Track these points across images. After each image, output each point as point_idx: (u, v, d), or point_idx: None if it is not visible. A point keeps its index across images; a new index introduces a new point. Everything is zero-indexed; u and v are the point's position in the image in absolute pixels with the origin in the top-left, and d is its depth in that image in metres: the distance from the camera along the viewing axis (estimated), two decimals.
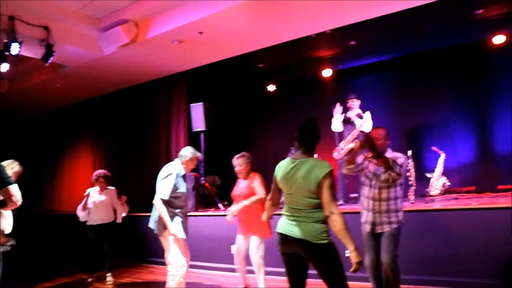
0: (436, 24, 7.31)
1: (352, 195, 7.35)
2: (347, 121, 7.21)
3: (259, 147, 9.60)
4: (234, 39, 7.16)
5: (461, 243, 5.06)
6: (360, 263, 3.00)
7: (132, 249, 8.21)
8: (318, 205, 3.11)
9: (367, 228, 4.15)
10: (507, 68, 7.61)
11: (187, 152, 4.98)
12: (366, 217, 4.17)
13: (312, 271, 3.19)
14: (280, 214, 3.36)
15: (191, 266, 6.82)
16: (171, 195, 4.69)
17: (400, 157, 4.07)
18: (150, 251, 7.71)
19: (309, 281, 3.26)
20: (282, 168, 3.30)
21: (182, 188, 4.82)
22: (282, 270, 3.29)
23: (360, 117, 7.08)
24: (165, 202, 4.66)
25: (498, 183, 7.37)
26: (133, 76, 8.72)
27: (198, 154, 5.10)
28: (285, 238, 3.18)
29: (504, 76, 7.68)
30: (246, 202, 4.96)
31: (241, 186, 5.26)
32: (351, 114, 7.21)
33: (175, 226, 4.67)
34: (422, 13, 6.58)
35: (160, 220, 4.72)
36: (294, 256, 3.17)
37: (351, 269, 3.01)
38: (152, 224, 4.88)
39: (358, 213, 4.46)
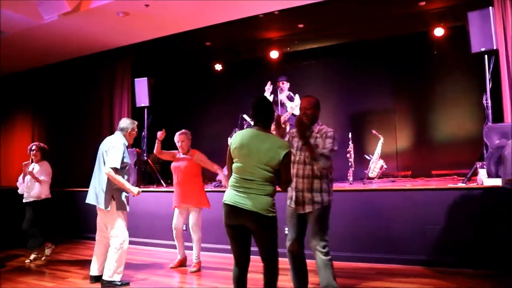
0: (382, 13, 7.53)
1: None
2: (277, 103, 7.33)
3: (203, 126, 9.60)
4: (181, 14, 7.07)
5: (396, 222, 5.30)
6: None
7: (71, 225, 8.01)
8: (271, 178, 3.24)
9: (290, 206, 3.84)
10: (446, 60, 7.99)
11: (127, 123, 4.98)
12: (290, 194, 3.83)
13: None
14: (212, 191, 3.39)
15: (131, 242, 6.80)
16: (121, 166, 4.67)
17: (330, 131, 3.73)
18: (90, 227, 7.54)
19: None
20: (242, 137, 3.34)
21: (127, 159, 4.82)
22: (216, 246, 3.33)
23: (291, 99, 7.22)
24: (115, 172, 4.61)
25: (432, 168, 7.78)
26: (75, 48, 8.41)
27: (136, 123, 5.13)
28: (233, 209, 3.22)
29: (443, 67, 8.07)
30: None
31: (181, 160, 5.53)
32: (281, 96, 7.32)
33: (130, 187, 4.68)
34: (368, 2, 6.77)
35: (108, 192, 4.66)
36: (240, 227, 3.25)
37: None
38: (92, 199, 4.79)
39: None
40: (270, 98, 7.25)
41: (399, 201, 5.39)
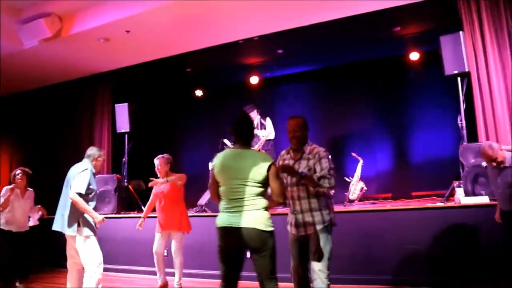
0: (359, 38, 7.76)
1: None
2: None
3: (184, 151, 9.60)
4: (162, 40, 7.15)
5: (377, 243, 5.33)
6: None
7: (48, 254, 7.82)
8: (261, 193, 3.19)
9: (291, 233, 3.76)
10: (422, 82, 8.19)
11: (93, 150, 4.97)
12: (289, 219, 3.78)
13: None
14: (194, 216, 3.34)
15: (110, 270, 6.68)
16: (86, 192, 4.60)
17: (322, 150, 3.71)
18: (63, 254, 7.39)
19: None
20: (223, 158, 3.32)
21: (93, 185, 4.76)
22: (197, 271, 3.25)
23: (262, 126, 7.30)
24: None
25: (412, 190, 7.87)
26: (56, 73, 8.41)
27: (103, 151, 5.20)
28: (228, 231, 3.15)
29: (420, 90, 8.26)
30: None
31: (161, 186, 5.49)
32: None
33: (94, 214, 4.58)
34: (345, 27, 6.97)
35: (73, 217, 4.58)
36: (234, 251, 3.17)
37: None
38: (59, 226, 4.72)
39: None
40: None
41: (380, 222, 5.44)
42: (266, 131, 7.22)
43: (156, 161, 5.50)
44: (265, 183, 3.20)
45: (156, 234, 5.50)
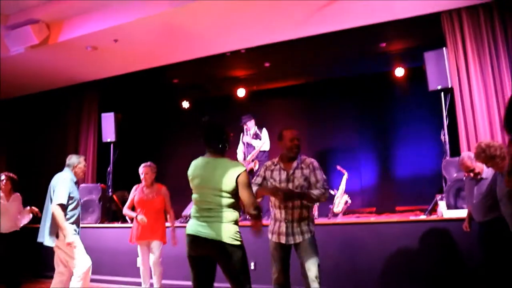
0: (345, 53, 7.88)
1: None
2: (245, 144, 7.44)
3: (169, 162, 9.54)
4: (150, 51, 7.17)
5: (360, 255, 5.36)
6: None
7: (31, 263, 7.70)
8: (231, 205, 3.14)
9: (272, 241, 3.81)
10: (407, 98, 8.34)
11: (73, 159, 4.95)
12: (273, 227, 3.81)
13: None
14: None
15: (93, 280, 6.58)
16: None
17: (314, 161, 3.88)
18: (49, 264, 7.29)
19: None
20: (194, 167, 3.29)
21: (75, 194, 4.74)
22: (175, 282, 3.23)
23: (257, 136, 7.33)
24: (62, 209, 4.53)
25: (396, 204, 7.94)
26: (42, 81, 8.34)
27: (83, 157, 5.08)
28: (195, 240, 3.12)
29: (404, 105, 8.41)
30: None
31: (146, 193, 5.46)
32: (247, 138, 7.43)
33: (71, 233, 4.53)
34: (332, 42, 7.06)
35: (55, 227, 4.54)
36: (203, 259, 3.13)
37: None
38: (42, 237, 4.67)
39: None
40: (247, 138, 7.42)
41: (364, 235, 5.48)
42: (260, 141, 7.23)
43: (142, 169, 5.45)
44: (235, 193, 3.14)
45: (138, 246, 5.43)
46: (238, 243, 3.11)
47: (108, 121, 8.13)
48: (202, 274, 3.17)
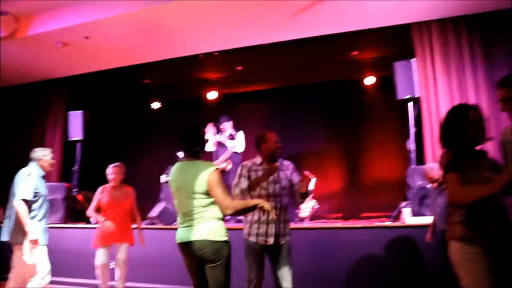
0: (317, 60, 7.97)
1: None
2: (219, 144, 7.42)
3: (138, 162, 9.43)
4: (121, 49, 7.10)
5: (325, 261, 5.39)
6: None
7: None
8: (210, 203, 3.09)
9: (255, 242, 3.73)
10: (375, 106, 8.49)
11: (38, 152, 4.79)
12: (257, 229, 3.73)
13: None
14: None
15: (55, 282, 6.41)
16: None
17: (290, 162, 4.05)
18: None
19: None
20: (172, 173, 3.28)
21: (41, 190, 4.60)
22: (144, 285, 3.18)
23: (233, 138, 7.35)
24: (26, 205, 4.39)
25: (363, 210, 8.04)
26: (9, 75, 8.03)
27: (49, 150, 4.92)
28: (183, 247, 3.12)
29: (373, 113, 8.56)
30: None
31: (114, 194, 5.35)
32: (221, 138, 7.43)
33: (36, 231, 4.39)
34: (305, 48, 7.15)
35: (18, 226, 4.40)
36: (194, 265, 3.11)
37: None
38: (5, 236, 4.53)
39: None
40: (214, 139, 7.36)
41: (330, 240, 5.51)
42: (234, 142, 7.20)
43: (111, 170, 5.36)
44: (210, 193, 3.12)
45: (99, 248, 5.22)
46: (225, 238, 3.08)
47: (76, 119, 7.97)
48: (199, 280, 3.14)
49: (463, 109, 2.73)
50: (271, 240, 3.71)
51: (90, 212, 5.37)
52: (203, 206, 3.08)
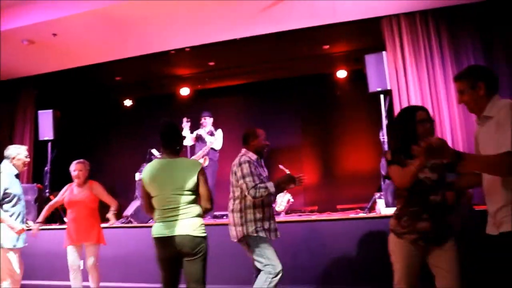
0: (289, 54, 7.99)
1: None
2: (199, 138, 7.40)
3: (110, 160, 9.34)
4: (91, 46, 6.98)
5: (302, 253, 5.41)
6: None
7: None
8: (194, 200, 3.25)
9: (277, 235, 3.96)
10: (348, 99, 8.59)
11: (10, 149, 4.62)
12: (273, 225, 3.92)
13: None
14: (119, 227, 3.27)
15: (27, 286, 6.29)
16: (3, 197, 4.33)
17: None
18: None
19: None
20: (152, 170, 3.31)
21: (14, 189, 4.45)
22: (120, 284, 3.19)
23: (212, 134, 7.33)
24: None
25: (337, 203, 8.12)
26: None
27: (23, 147, 4.75)
28: (161, 241, 3.18)
29: (346, 106, 8.66)
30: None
31: (77, 192, 5.06)
32: (201, 132, 7.40)
33: (12, 223, 4.29)
34: (276, 42, 7.15)
35: None
36: (170, 259, 3.19)
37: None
38: None
39: None
40: (189, 132, 7.33)
41: (306, 233, 5.56)
42: (213, 138, 7.16)
43: (74, 166, 5.04)
44: (196, 189, 3.26)
45: (68, 247, 5.00)
46: (204, 234, 3.22)
47: (45, 118, 7.80)
48: (171, 275, 3.24)
49: (412, 110, 2.93)
50: (277, 235, 3.95)
51: (45, 208, 5.19)
52: (189, 203, 3.23)
